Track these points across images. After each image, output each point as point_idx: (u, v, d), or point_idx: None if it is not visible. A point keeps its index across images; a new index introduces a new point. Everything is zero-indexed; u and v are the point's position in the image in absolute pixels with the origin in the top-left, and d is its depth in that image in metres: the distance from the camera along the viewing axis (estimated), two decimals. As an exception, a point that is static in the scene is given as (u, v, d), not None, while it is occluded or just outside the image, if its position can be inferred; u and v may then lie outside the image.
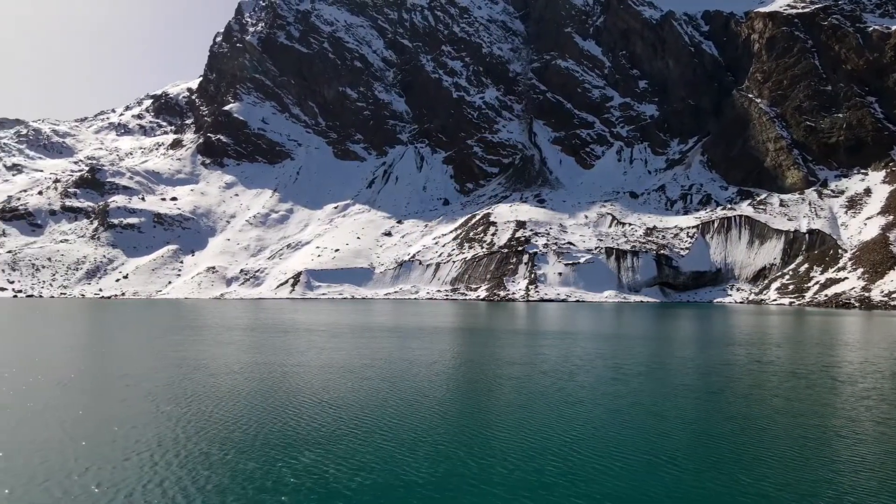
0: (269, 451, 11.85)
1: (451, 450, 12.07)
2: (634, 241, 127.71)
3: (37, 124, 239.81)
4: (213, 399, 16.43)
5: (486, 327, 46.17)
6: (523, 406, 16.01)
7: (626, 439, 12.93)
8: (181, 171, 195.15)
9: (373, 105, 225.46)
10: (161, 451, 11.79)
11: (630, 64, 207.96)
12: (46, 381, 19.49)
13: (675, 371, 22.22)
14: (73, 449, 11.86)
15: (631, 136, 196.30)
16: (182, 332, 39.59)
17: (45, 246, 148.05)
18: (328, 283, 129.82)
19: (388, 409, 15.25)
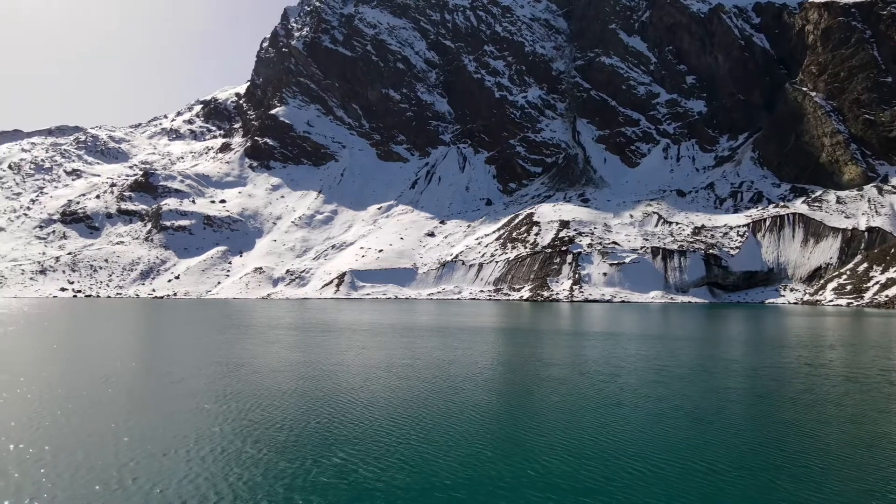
0: (303, 450, 11.89)
1: (485, 452, 11.90)
2: (682, 240, 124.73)
3: (94, 131, 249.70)
4: (252, 397, 16.66)
5: (528, 328, 45.74)
6: (560, 408, 15.70)
7: (665, 444, 12.51)
8: (229, 174, 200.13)
9: (415, 106, 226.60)
10: (197, 447, 11.97)
11: (677, 59, 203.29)
12: (95, 377, 20.13)
13: (721, 374, 21.49)
14: (114, 443, 12.16)
15: (678, 133, 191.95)
16: (228, 332, 40.47)
17: (103, 248, 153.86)
18: (372, 283, 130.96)
19: (424, 410, 15.16)
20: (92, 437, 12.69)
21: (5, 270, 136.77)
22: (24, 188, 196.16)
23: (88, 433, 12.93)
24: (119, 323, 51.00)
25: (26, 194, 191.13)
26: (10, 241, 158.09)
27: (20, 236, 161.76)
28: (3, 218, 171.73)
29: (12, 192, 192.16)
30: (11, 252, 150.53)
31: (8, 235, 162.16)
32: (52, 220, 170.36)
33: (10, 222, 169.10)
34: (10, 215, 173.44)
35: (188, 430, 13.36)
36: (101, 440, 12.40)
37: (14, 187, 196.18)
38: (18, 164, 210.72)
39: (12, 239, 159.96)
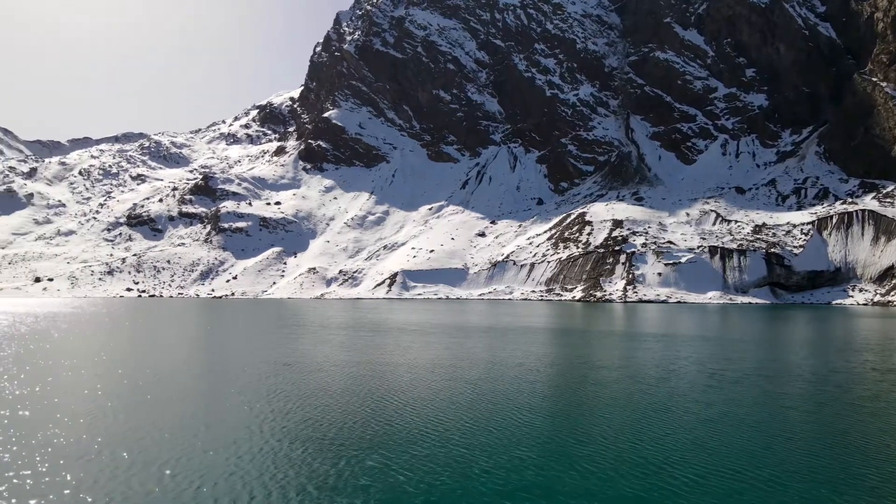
0: (340, 451, 11.87)
1: (526, 456, 11.61)
2: (741, 239, 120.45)
3: (157, 137, 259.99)
4: (296, 397, 16.82)
5: (579, 329, 44.95)
6: (605, 413, 15.23)
7: (712, 451, 11.93)
8: (284, 177, 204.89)
9: (466, 106, 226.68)
10: (236, 446, 12.11)
11: (736, 52, 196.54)
12: (147, 374, 20.75)
13: (779, 378, 20.48)
14: (157, 440, 12.43)
15: (737, 128, 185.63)
16: (279, 331, 41.27)
17: (165, 249, 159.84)
18: (423, 283, 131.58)
19: (466, 412, 14.96)
20: (136, 432, 13.03)
21: (76, 271, 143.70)
22: (93, 193, 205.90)
23: (134, 428, 13.27)
24: (177, 322, 52.75)
25: (95, 199, 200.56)
26: (81, 244, 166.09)
27: (90, 239, 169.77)
28: (75, 221, 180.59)
29: (82, 197, 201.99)
30: (82, 254, 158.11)
31: (79, 238, 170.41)
32: (118, 223, 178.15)
33: (81, 225, 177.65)
34: (81, 219, 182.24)
35: (230, 428, 13.55)
36: (144, 435, 12.71)
37: (84, 192, 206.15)
38: (88, 170, 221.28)
39: (83, 241, 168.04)
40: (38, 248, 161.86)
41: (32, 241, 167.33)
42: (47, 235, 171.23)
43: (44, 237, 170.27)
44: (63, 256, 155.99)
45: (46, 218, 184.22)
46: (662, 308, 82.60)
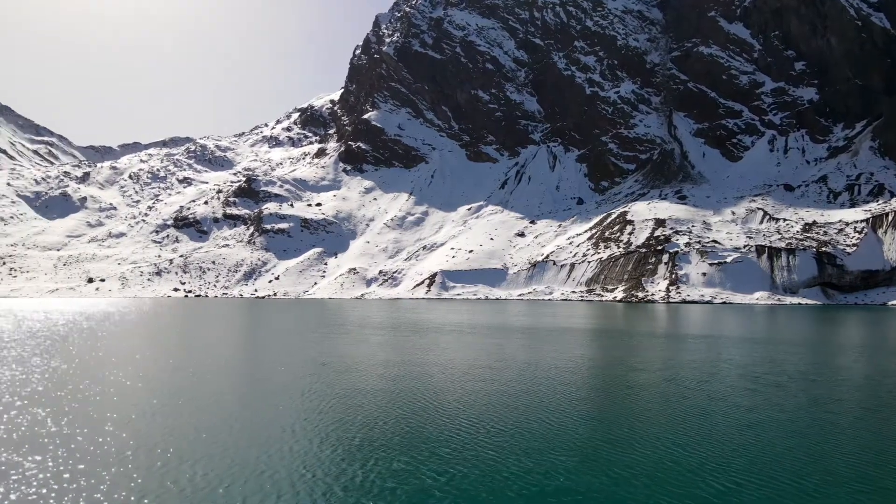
0: (371, 451, 11.78)
1: (558, 461, 11.31)
2: (790, 237, 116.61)
3: (203, 141, 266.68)
4: (330, 396, 16.84)
5: (619, 330, 44.11)
6: (641, 416, 14.77)
7: (751, 458, 11.40)
8: (325, 178, 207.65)
9: (504, 106, 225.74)
10: (268, 445, 12.15)
11: (784, 45, 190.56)
12: (189, 373, 21.11)
13: (826, 383, 19.59)
14: (193, 438, 12.56)
15: (785, 123, 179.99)
16: (318, 331, 41.66)
17: (210, 250, 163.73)
18: (462, 283, 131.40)
19: (498, 414, 14.71)
20: (172, 430, 13.20)
21: (127, 272, 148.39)
22: (142, 196, 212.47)
23: (170, 427, 13.45)
24: (220, 322, 53.82)
25: (144, 201, 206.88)
26: (131, 245, 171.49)
27: (139, 240, 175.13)
28: (125, 224, 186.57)
29: (132, 200, 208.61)
30: (132, 255, 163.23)
31: (129, 240, 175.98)
32: (166, 225, 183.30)
33: (131, 227, 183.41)
34: (131, 221, 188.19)
35: (262, 427, 13.63)
36: (180, 434, 12.86)
37: (134, 195, 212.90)
38: (137, 173, 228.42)
39: (133, 243, 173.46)
40: (91, 249, 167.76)
41: (86, 243, 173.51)
42: (99, 237, 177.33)
43: (96, 239, 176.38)
44: (114, 258, 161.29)
45: (99, 220, 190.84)
46: (707, 309, 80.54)
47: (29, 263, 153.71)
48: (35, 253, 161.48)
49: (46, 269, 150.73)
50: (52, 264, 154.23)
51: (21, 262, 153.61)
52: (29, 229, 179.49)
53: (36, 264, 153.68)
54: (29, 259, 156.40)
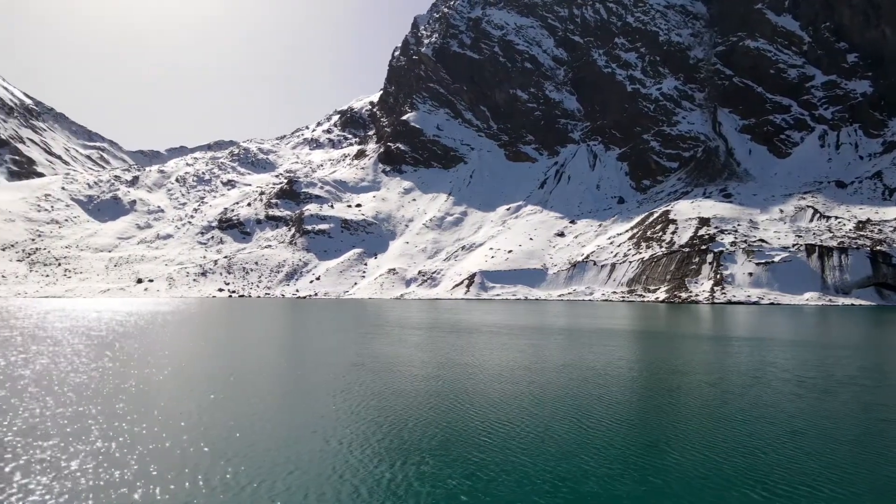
0: (399, 453, 11.65)
1: (590, 467, 10.97)
2: (842, 236, 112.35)
3: (246, 144, 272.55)
4: (363, 396, 16.80)
5: (661, 331, 43.09)
6: (679, 422, 14.25)
7: (796, 469, 10.83)
8: (364, 180, 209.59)
9: (543, 105, 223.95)
10: (298, 445, 12.15)
11: (835, 37, 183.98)
12: (227, 373, 21.39)
13: (878, 388, 18.61)
14: (225, 437, 12.66)
15: (837, 117, 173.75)
16: (357, 330, 41.90)
17: (253, 251, 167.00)
18: (501, 283, 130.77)
19: (531, 417, 14.40)
20: (206, 429, 13.32)
21: (173, 273, 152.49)
22: (188, 198, 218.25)
23: (204, 425, 13.58)
24: (262, 321, 54.69)
25: (190, 204, 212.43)
26: (178, 247, 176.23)
27: (185, 242, 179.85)
28: (172, 226, 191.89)
29: (179, 203, 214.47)
30: (178, 256, 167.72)
31: (176, 241, 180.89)
32: (211, 226, 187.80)
33: (178, 229, 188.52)
34: (177, 223, 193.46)
35: (293, 427, 13.64)
36: (213, 433, 12.96)
37: (180, 198, 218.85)
38: (184, 177, 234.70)
39: (179, 244, 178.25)
40: (140, 251, 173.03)
41: (135, 245, 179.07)
42: (148, 239, 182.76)
43: (145, 241, 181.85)
44: (161, 259, 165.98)
45: (147, 223, 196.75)
46: (753, 310, 78.17)
47: (82, 265, 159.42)
48: (88, 254, 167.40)
49: (98, 270, 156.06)
50: (103, 265, 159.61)
51: (75, 264, 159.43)
52: (82, 232, 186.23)
53: (89, 265, 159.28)
54: (82, 260, 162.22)
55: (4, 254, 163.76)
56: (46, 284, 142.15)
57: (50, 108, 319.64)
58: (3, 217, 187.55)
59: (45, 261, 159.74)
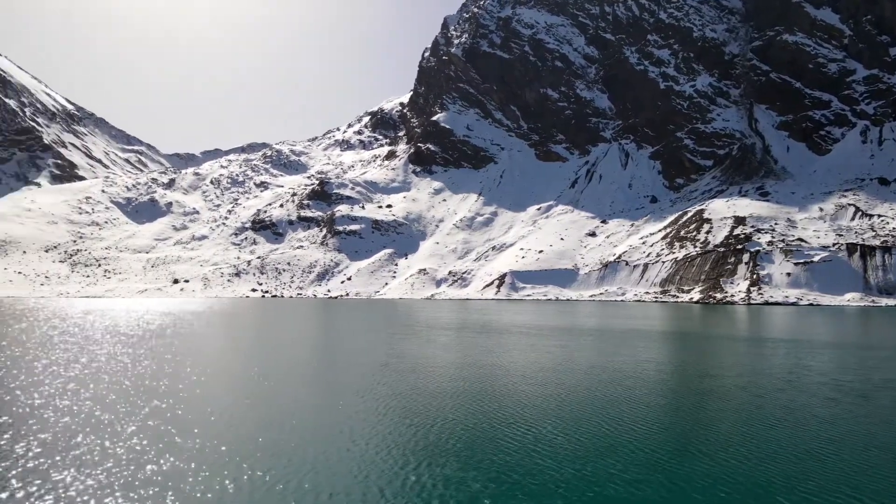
0: (421, 454, 11.62)
1: (616, 471, 10.78)
2: (886, 234, 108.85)
3: (278, 146, 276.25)
4: (388, 396, 16.83)
5: (694, 332, 42.30)
6: (708, 425, 13.92)
7: (828, 477, 10.48)
8: (395, 180, 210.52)
9: (574, 104, 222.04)
10: (321, 446, 12.22)
11: (877, 30, 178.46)
12: (255, 373, 21.66)
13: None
14: (248, 436, 12.79)
15: (880, 112, 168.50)
16: (387, 331, 42.09)
17: (286, 252, 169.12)
18: (532, 284, 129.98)
19: (557, 419, 14.23)
20: (231, 428, 13.49)
21: (208, 273, 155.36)
22: (222, 200, 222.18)
23: (229, 425, 13.75)
24: (293, 321, 55.33)
25: (224, 205, 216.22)
26: (213, 248, 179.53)
27: (220, 243, 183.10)
28: (207, 227, 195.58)
29: (213, 204, 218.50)
30: (213, 257, 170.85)
31: (210, 242, 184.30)
32: (244, 227, 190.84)
33: (212, 231, 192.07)
34: (212, 224, 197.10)
35: (318, 427, 13.72)
36: (238, 432, 13.12)
37: (215, 199, 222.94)
38: (218, 179, 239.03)
39: (214, 245, 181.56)
40: (176, 252, 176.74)
41: (171, 246, 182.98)
42: (184, 240, 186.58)
43: (181, 242, 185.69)
44: (197, 260, 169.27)
45: (183, 224, 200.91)
46: (791, 311, 76.25)
47: (121, 265, 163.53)
48: (126, 255, 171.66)
49: (136, 271, 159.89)
50: (141, 266, 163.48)
51: (114, 265, 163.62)
52: (121, 233, 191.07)
53: (127, 266, 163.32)
54: (121, 261, 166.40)
55: (47, 255, 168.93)
56: (87, 285, 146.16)
57: (91, 112, 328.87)
58: (46, 220, 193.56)
59: (85, 262, 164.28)
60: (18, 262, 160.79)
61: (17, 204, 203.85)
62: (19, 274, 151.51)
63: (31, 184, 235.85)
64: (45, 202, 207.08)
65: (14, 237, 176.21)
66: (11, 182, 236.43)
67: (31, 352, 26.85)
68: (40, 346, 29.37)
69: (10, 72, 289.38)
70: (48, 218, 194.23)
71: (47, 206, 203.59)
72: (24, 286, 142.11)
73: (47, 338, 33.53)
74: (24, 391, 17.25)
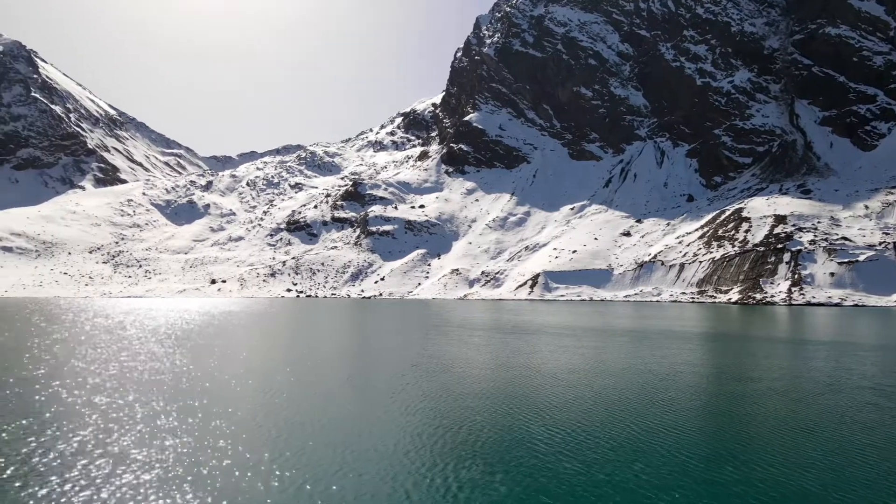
0: (444, 457, 11.54)
1: (643, 478, 10.54)
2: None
3: (313, 148, 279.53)
4: (417, 398, 16.80)
5: (734, 334, 41.31)
6: (741, 430, 13.51)
7: (869, 487, 10.05)
8: (427, 181, 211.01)
9: (608, 102, 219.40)
10: (350, 446, 12.25)
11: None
12: (287, 373, 21.87)
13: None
14: (281, 436, 12.90)
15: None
16: (419, 331, 42.15)
17: (320, 253, 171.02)
18: (566, 284, 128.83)
19: (585, 423, 14.01)
20: (263, 428, 13.60)
21: (245, 274, 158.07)
22: (258, 202, 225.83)
23: (262, 425, 13.88)
24: (327, 322, 55.85)
25: (260, 207, 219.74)
26: (249, 248, 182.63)
27: (256, 244, 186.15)
28: (243, 228, 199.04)
29: (249, 206, 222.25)
30: (249, 258, 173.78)
31: (247, 243, 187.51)
32: (279, 228, 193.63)
33: (248, 231, 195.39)
34: (248, 226, 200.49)
35: (347, 428, 13.73)
36: (270, 432, 13.23)
37: (251, 201, 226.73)
38: (254, 181, 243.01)
39: (250, 246, 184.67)
40: (214, 252, 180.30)
41: (209, 247, 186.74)
42: (221, 241, 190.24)
43: (218, 243, 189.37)
44: (233, 260, 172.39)
45: (220, 226, 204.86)
46: (835, 312, 73.94)
47: (161, 266, 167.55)
48: (166, 256, 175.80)
49: (175, 272, 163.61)
50: (180, 267, 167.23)
51: (154, 265, 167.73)
52: (161, 235, 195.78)
53: (167, 267, 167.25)
54: (161, 262, 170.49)
55: (91, 256, 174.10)
56: (129, 285, 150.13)
57: (132, 117, 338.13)
58: (90, 222, 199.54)
59: (127, 262, 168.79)
60: (64, 264, 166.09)
61: (62, 207, 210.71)
62: (65, 274, 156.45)
63: (77, 187, 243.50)
64: (89, 205, 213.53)
65: (60, 239, 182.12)
66: (58, 186, 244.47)
67: (75, 350, 27.65)
68: (84, 343, 30.23)
69: (56, 79, 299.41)
70: (92, 220, 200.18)
71: (91, 208, 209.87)
72: (69, 286, 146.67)
73: (91, 336, 34.50)
74: (66, 388, 17.74)
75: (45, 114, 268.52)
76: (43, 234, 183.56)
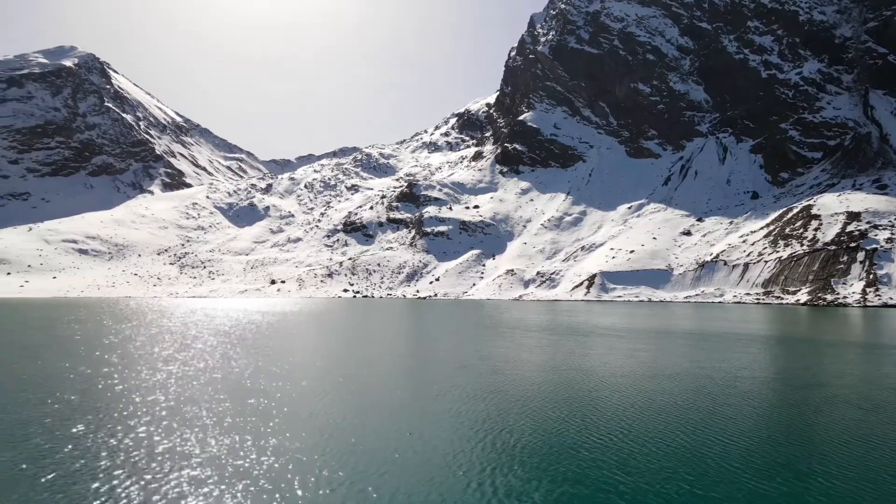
0: (483, 461, 11.36)
1: (689, 487, 10.10)
2: None
3: (368, 150, 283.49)
4: (464, 399, 16.66)
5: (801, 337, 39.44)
6: (793, 441, 12.78)
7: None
8: (482, 181, 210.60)
9: (667, 98, 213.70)
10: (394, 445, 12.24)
11: None
12: (336, 374, 22.10)
13: None
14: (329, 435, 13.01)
15: None
16: (473, 331, 42.05)
17: (376, 253, 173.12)
18: (623, 285, 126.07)
19: (632, 431, 13.55)
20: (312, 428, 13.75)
21: (303, 274, 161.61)
22: (315, 204, 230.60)
23: (311, 424, 14.03)
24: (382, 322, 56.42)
25: (317, 209, 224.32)
26: (307, 249, 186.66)
27: (313, 245, 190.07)
28: (301, 230, 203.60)
29: (307, 208, 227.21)
30: (307, 258, 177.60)
31: (305, 244, 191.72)
32: (336, 230, 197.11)
33: (306, 233, 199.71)
34: (306, 227, 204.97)
35: (392, 428, 13.72)
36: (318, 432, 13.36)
37: (308, 203, 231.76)
38: (311, 183, 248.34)
39: (308, 247, 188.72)
40: (273, 254, 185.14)
41: (269, 248, 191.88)
42: (280, 243, 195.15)
43: (277, 244, 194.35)
44: (292, 261, 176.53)
45: (279, 227, 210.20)
46: (913, 315, 69.59)
47: (223, 267, 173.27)
48: (228, 258, 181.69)
49: (237, 272, 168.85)
50: (241, 268, 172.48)
51: (217, 266, 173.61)
52: (223, 237, 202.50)
53: (229, 268, 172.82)
54: (224, 263, 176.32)
55: (159, 258, 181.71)
56: (194, 286, 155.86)
57: (196, 123, 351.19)
58: (158, 225, 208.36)
59: (192, 264, 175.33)
60: (134, 265, 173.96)
61: (133, 211, 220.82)
62: (135, 276, 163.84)
63: (146, 192, 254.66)
64: (157, 209, 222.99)
65: (131, 242, 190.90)
66: (128, 191, 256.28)
67: (145, 347, 28.80)
68: (154, 342, 31.48)
69: (127, 89, 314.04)
70: (160, 223, 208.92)
71: (159, 212, 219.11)
72: (139, 287, 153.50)
73: (163, 333, 35.90)
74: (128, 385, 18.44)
75: (117, 122, 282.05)
76: (115, 237, 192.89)
